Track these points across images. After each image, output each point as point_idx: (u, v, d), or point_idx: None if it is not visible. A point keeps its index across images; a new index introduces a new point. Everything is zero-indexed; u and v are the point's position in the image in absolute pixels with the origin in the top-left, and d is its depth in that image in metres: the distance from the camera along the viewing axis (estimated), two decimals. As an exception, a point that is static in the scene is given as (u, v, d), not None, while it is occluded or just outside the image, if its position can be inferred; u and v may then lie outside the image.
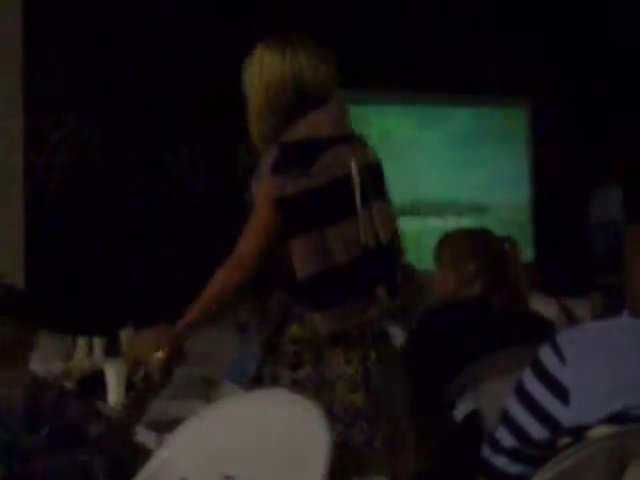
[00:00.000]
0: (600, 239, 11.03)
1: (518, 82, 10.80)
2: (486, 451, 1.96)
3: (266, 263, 2.74)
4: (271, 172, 2.74)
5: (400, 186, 10.72)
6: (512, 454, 1.90)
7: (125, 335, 5.10)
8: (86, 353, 5.09)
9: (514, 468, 1.90)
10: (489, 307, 3.27)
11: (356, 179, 2.76)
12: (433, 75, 10.35)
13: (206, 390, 3.24)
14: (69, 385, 3.87)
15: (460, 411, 2.99)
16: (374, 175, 2.86)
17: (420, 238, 11.03)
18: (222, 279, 2.76)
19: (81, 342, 5.14)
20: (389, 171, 2.91)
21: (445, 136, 11.56)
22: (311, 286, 2.72)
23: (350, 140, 2.85)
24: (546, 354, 1.88)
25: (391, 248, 2.83)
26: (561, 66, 10.85)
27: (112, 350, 5.04)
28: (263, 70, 2.89)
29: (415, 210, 11.36)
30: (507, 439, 1.91)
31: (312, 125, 2.81)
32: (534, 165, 11.58)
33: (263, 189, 2.76)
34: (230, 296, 2.81)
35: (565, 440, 1.82)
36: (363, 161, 2.82)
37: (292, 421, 2.24)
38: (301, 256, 2.71)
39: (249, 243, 2.75)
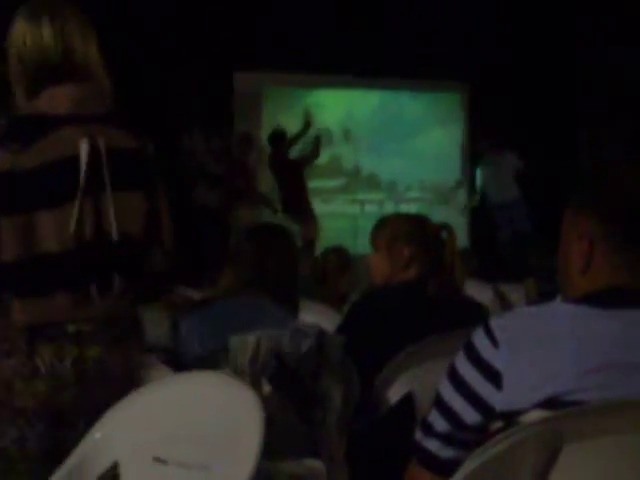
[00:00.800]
0: (501, 222, 11.08)
1: (458, 68, 10.88)
2: (418, 435, 1.96)
3: None
4: None
5: (341, 167, 10.78)
6: (444, 438, 1.90)
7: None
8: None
9: (446, 452, 1.91)
10: (424, 292, 3.29)
11: (83, 164, 2.54)
12: (376, 60, 10.40)
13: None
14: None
15: (393, 394, 3.00)
16: (122, 163, 2.64)
17: (357, 222, 11.12)
18: None
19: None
20: (327, 154, 2.84)
21: (386, 119, 11.62)
22: (12, 272, 2.53)
23: (92, 121, 2.62)
24: (479, 338, 1.88)
25: (125, 244, 2.61)
26: (499, 53, 10.94)
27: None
28: (13, 36, 2.65)
29: (353, 191, 11.44)
30: (439, 423, 1.91)
31: (49, 100, 2.59)
32: (470, 149, 11.70)
33: None
34: None
35: (497, 424, 1.83)
36: (109, 146, 2.60)
37: (225, 403, 2.23)
38: (4, 239, 2.50)
39: None
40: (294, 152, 10.72)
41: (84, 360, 2.56)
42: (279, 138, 10.25)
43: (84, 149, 2.54)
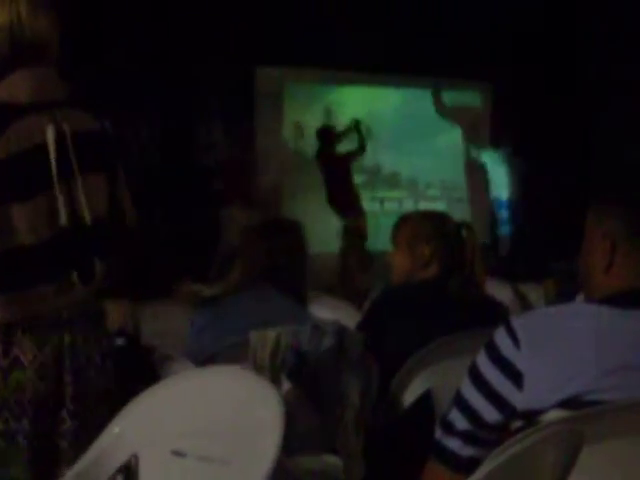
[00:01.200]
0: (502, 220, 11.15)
1: (480, 67, 10.85)
2: (439, 433, 1.96)
3: None
4: None
5: (362, 165, 10.70)
6: (465, 437, 1.90)
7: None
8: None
9: (467, 451, 1.91)
10: (444, 290, 3.29)
11: (52, 152, 2.48)
12: (397, 56, 10.38)
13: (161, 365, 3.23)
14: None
15: (412, 391, 3.00)
16: (87, 146, 2.56)
17: (377, 220, 11.10)
18: None
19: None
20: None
21: (408, 117, 11.59)
22: None
23: (54, 107, 2.53)
24: (501, 338, 1.88)
25: (97, 229, 2.57)
26: (522, 54, 10.91)
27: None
28: None
29: (374, 189, 11.42)
30: (460, 422, 1.91)
31: (9, 88, 2.49)
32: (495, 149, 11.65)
33: None
34: None
35: (518, 424, 1.83)
36: (74, 129, 2.53)
37: (245, 398, 2.24)
38: None
39: None
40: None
41: (63, 347, 2.52)
42: (327, 134, 10.39)
43: (51, 136, 2.48)
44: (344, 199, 10.30)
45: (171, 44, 9.30)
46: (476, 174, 11.53)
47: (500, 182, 11.27)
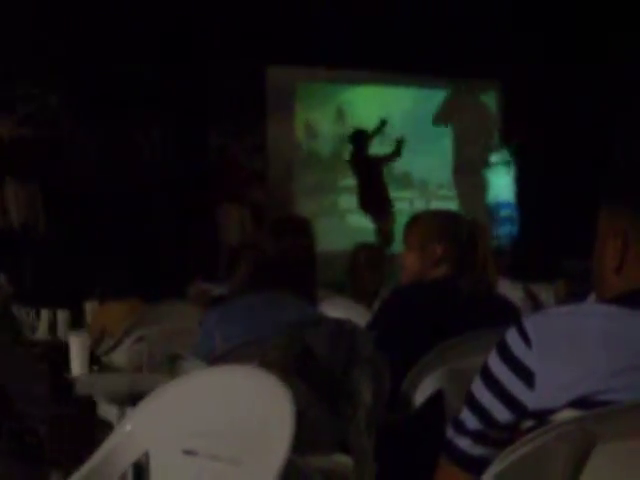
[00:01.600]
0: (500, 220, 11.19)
1: (489, 66, 10.85)
2: (450, 432, 1.96)
3: None
4: None
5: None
6: (476, 436, 1.90)
7: (90, 307, 5.07)
8: (49, 326, 5.05)
9: (477, 450, 1.90)
10: (455, 289, 3.29)
11: None
12: (408, 56, 10.39)
13: (170, 364, 3.24)
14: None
15: (423, 391, 3.00)
16: (18, 152, 2.58)
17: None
18: None
19: (44, 315, 5.09)
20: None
21: (419, 117, 11.60)
22: None
23: None
24: (512, 337, 1.88)
25: (24, 232, 2.59)
26: (532, 52, 10.91)
27: (76, 322, 5.02)
28: None
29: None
30: (471, 421, 1.91)
31: None
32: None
33: None
34: None
35: (529, 423, 1.83)
36: (10, 135, 2.55)
37: (256, 395, 2.24)
38: None
39: None
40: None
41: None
42: (360, 137, 10.43)
43: None
44: (377, 202, 10.33)
45: (181, 44, 9.32)
46: (471, 175, 11.56)
47: (507, 182, 11.27)
